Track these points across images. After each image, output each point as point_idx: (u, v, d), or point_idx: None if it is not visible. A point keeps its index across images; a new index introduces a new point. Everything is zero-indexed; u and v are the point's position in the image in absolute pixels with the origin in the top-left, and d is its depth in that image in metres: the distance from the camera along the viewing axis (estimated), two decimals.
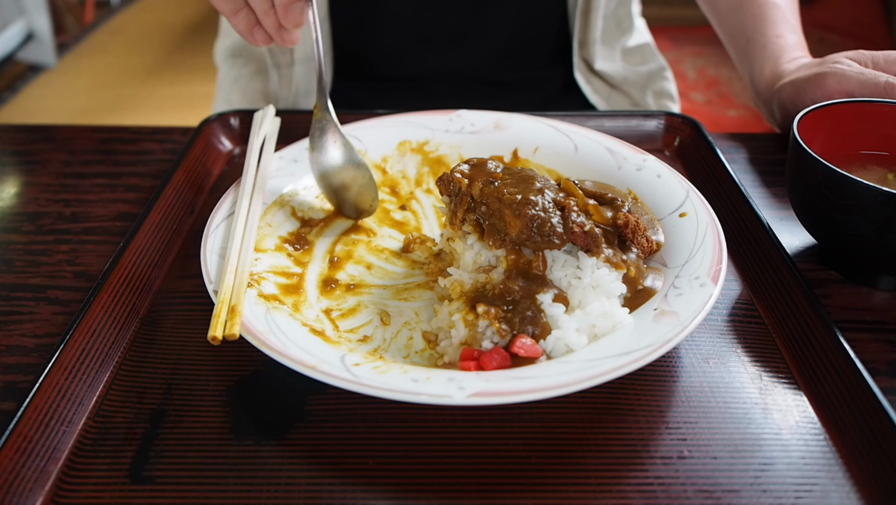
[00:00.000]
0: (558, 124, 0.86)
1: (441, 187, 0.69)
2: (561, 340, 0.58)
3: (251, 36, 0.74)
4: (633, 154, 0.80)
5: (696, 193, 0.72)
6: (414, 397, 0.51)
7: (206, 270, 0.62)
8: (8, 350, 0.64)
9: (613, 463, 0.53)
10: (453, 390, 0.51)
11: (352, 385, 0.52)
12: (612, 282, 0.62)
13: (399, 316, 0.66)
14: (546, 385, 0.51)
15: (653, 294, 0.63)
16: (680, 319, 0.57)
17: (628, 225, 0.65)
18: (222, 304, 0.59)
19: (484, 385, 0.52)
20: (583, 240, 0.61)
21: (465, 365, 0.57)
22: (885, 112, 0.75)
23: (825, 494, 0.51)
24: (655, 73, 1.25)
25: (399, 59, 1.17)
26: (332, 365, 0.54)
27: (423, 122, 0.87)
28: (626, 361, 0.53)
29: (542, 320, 0.59)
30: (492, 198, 0.63)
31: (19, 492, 0.50)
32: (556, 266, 0.62)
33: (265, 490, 0.51)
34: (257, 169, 0.77)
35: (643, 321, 0.59)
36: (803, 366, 0.61)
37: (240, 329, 0.56)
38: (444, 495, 0.51)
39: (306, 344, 0.57)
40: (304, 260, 0.72)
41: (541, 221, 0.60)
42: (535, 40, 1.17)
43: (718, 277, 0.61)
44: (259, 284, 0.64)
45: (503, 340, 0.58)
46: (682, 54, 3.61)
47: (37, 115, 3.17)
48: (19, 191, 0.89)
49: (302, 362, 0.54)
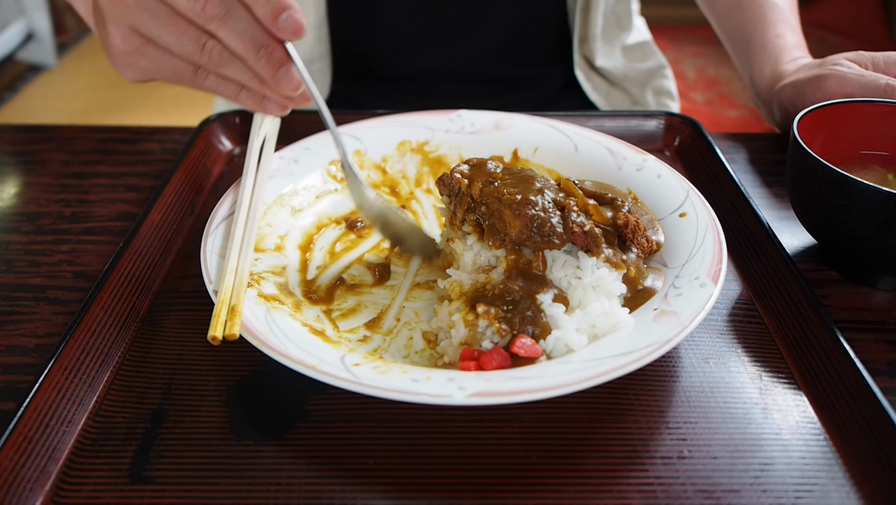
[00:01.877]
0: (558, 124, 0.86)
1: (441, 188, 0.69)
2: (561, 341, 0.58)
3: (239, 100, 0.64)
4: (633, 154, 0.80)
5: (696, 193, 0.72)
6: (414, 397, 0.51)
7: (206, 270, 0.62)
8: (8, 350, 0.64)
9: (613, 463, 0.53)
10: (453, 390, 0.51)
11: (352, 385, 0.52)
12: (613, 282, 0.62)
13: (399, 316, 0.66)
14: (546, 385, 0.51)
15: (653, 294, 0.63)
16: (680, 319, 0.57)
17: (628, 225, 0.65)
18: (222, 304, 0.59)
19: (484, 385, 0.52)
20: (583, 240, 0.61)
21: (466, 365, 0.57)
22: (885, 112, 0.75)
23: (825, 494, 0.51)
24: (655, 71, 1.25)
25: (398, 58, 1.17)
26: (332, 365, 0.54)
27: (423, 122, 0.87)
28: (626, 361, 0.53)
29: (542, 320, 0.59)
30: (491, 198, 0.63)
31: (19, 492, 0.50)
32: (556, 266, 0.62)
33: (265, 490, 0.51)
34: (257, 169, 0.77)
35: (643, 321, 0.59)
36: (803, 366, 0.61)
37: (240, 329, 0.56)
38: (444, 495, 0.51)
39: (306, 344, 0.57)
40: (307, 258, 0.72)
41: (540, 221, 0.60)
42: (534, 38, 1.17)
43: (718, 277, 0.61)
44: (259, 284, 0.64)
45: (503, 341, 0.58)
46: (682, 54, 3.61)
47: (37, 115, 3.17)
48: (19, 191, 0.89)
49: (302, 362, 0.54)
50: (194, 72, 0.61)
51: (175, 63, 0.61)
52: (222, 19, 0.56)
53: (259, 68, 0.58)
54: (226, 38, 0.57)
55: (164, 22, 0.58)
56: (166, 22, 0.58)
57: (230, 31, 0.57)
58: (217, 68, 0.60)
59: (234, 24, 0.56)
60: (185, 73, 0.61)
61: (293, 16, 0.55)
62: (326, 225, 0.78)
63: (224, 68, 0.60)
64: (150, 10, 0.58)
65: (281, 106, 0.63)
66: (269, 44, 0.57)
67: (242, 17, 0.56)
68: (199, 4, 0.56)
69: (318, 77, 1.14)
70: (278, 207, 0.75)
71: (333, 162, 0.81)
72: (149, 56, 0.61)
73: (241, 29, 0.57)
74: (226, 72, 0.60)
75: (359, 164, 0.83)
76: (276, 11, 0.55)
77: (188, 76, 0.61)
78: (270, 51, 0.57)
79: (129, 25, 0.60)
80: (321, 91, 1.16)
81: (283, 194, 0.77)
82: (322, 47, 1.12)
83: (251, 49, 0.57)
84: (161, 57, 0.61)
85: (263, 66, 0.58)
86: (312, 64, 1.12)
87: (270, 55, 0.57)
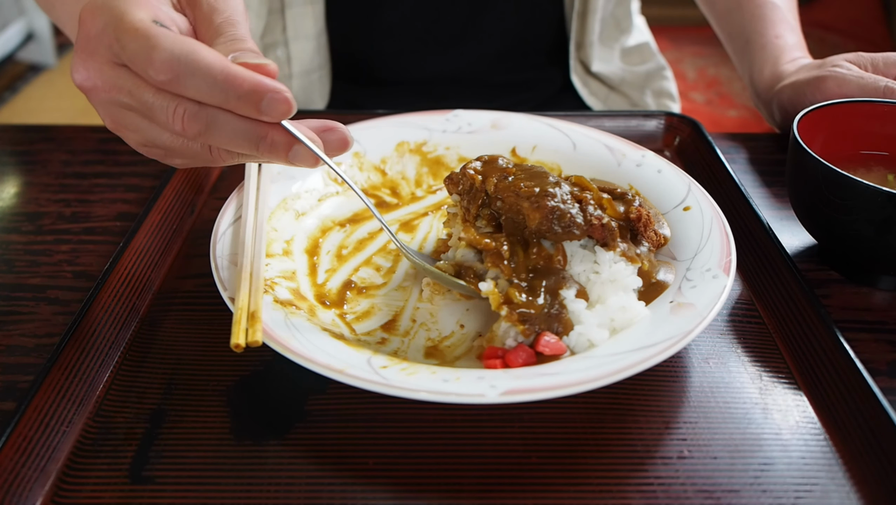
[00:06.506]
0: (556, 122, 0.86)
1: (449, 186, 0.69)
2: (583, 336, 0.58)
3: None
4: (631, 150, 0.80)
5: (697, 187, 0.73)
6: (446, 397, 0.50)
7: (218, 278, 0.61)
8: (8, 350, 0.64)
9: (613, 463, 0.53)
10: (485, 389, 0.51)
11: (382, 388, 0.51)
12: (629, 276, 0.62)
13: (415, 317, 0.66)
14: (576, 380, 0.51)
15: (665, 288, 0.63)
16: (698, 310, 0.57)
17: (641, 218, 0.65)
18: (241, 311, 0.57)
19: (515, 383, 0.51)
20: (600, 233, 0.61)
21: (491, 363, 0.57)
22: (885, 112, 0.75)
23: (825, 494, 0.51)
24: (654, 73, 1.25)
25: (397, 64, 1.17)
26: (359, 368, 0.53)
27: (420, 122, 0.87)
28: (651, 352, 0.53)
29: (565, 317, 0.59)
30: (508, 192, 0.63)
31: (19, 492, 0.50)
32: (574, 261, 0.62)
33: (265, 490, 0.51)
34: (259, 172, 0.77)
35: (660, 314, 0.59)
36: (803, 366, 0.61)
37: (262, 336, 0.55)
38: (445, 495, 0.51)
39: (330, 348, 0.56)
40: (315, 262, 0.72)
41: (560, 212, 0.60)
42: (531, 42, 1.17)
43: (730, 267, 0.61)
44: (273, 290, 0.63)
45: (528, 340, 0.58)
46: (682, 54, 3.61)
47: (37, 115, 3.17)
48: (19, 191, 0.89)
49: (329, 367, 0.52)
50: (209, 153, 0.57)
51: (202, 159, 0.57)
52: (206, 133, 0.52)
53: (267, 160, 0.55)
54: (221, 145, 0.54)
55: (167, 138, 0.54)
56: (168, 138, 0.54)
57: (221, 139, 0.52)
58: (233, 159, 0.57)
59: (220, 132, 0.52)
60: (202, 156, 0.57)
61: (274, 98, 0.50)
62: (331, 228, 0.77)
63: (239, 158, 0.57)
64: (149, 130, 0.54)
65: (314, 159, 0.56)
66: (265, 134, 0.52)
67: (226, 120, 0.52)
68: (178, 126, 0.52)
69: (318, 85, 1.14)
70: (282, 212, 0.74)
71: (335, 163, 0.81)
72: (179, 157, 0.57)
73: (229, 133, 0.52)
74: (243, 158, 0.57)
75: (358, 165, 0.83)
76: (254, 104, 0.50)
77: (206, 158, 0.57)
78: (269, 140, 0.53)
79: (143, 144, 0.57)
80: (321, 98, 1.16)
81: (286, 198, 0.76)
82: (321, 56, 1.12)
83: (250, 146, 0.53)
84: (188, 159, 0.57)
85: (269, 157, 0.54)
86: (312, 74, 1.12)
87: (272, 144, 0.53)
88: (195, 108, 0.51)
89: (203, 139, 0.53)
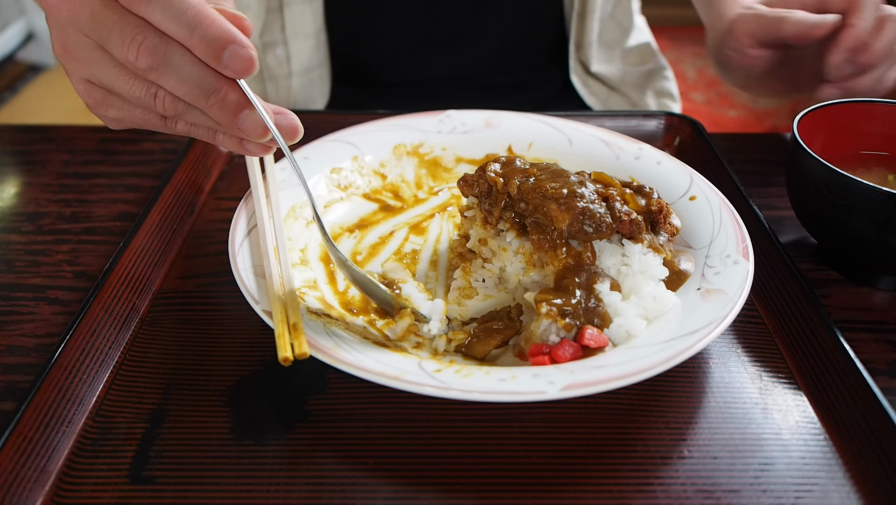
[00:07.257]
0: (549, 119, 0.86)
1: (465, 189, 0.68)
2: (622, 327, 0.59)
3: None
4: (628, 144, 0.80)
5: (699, 177, 0.74)
6: (507, 397, 0.50)
7: (247, 292, 0.59)
8: (8, 350, 0.64)
9: (613, 463, 0.53)
10: (544, 386, 0.51)
11: (442, 392, 0.50)
12: (657, 266, 0.63)
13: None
14: (634, 370, 0.52)
15: (687, 276, 0.64)
16: (728, 295, 0.58)
17: (662, 210, 0.65)
18: (282, 324, 0.56)
19: (572, 377, 0.52)
20: (628, 228, 0.62)
21: (539, 360, 0.57)
22: (885, 112, 0.75)
23: (825, 494, 0.51)
24: (654, 73, 1.25)
25: (398, 65, 1.17)
26: (414, 374, 0.52)
27: (413, 124, 0.86)
28: (696, 338, 0.54)
29: (603, 310, 0.59)
30: (533, 194, 0.63)
31: (19, 492, 0.50)
32: (603, 256, 0.62)
33: (265, 490, 0.51)
34: (264, 179, 0.75)
35: (691, 301, 0.60)
36: (803, 366, 0.61)
37: (308, 347, 0.53)
38: (445, 495, 0.51)
39: (377, 355, 0.55)
40: None
41: (590, 213, 0.60)
42: (531, 42, 1.17)
43: (748, 252, 0.62)
44: (304, 300, 0.61)
45: (570, 334, 0.58)
46: (682, 54, 3.61)
47: (37, 115, 3.17)
48: (19, 191, 0.89)
49: (384, 374, 0.52)
50: (162, 120, 0.55)
51: (140, 112, 0.55)
52: (159, 69, 0.49)
53: (214, 116, 0.52)
54: (170, 88, 0.51)
55: (113, 74, 0.52)
56: (114, 74, 0.52)
57: (171, 79, 0.50)
58: (180, 116, 0.54)
59: (174, 72, 0.49)
60: (154, 121, 0.56)
61: (238, 52, 0.48)
62: (340, 235, 0.76)
63: (186, 116, 0.54)
64: (98, 62, 0.52)
65: (263, 147, 0.56)
66: (219, 88, 0.50)
67: (183, 61, 0.49)
68: (132, 55, 0.49)
69: (318, 83, 1.14)
70: (292, 220, 0.73)
71: (335, 170, 0.81)
72: (115, 106, 0.56)
73: (183, 76, 0.49)
74: (190, 119, 0.54)
75: (358, 170, 0.82)
76: (217, 49, 0.48)
77: (158, 124, 0.56)
78: (222, 95, 0.50)
79: (86, 79, 0.55)
80: (321, 97, 1.16)
81: (294, 206, 0.74)
82: (321, 55, 1.12)
83: (200, 96, 0.50)
84: (126, 107, 0.55)
85: (218, 113, 0.51)
86: (312, 72, 1.12)
87: (223, 100, 0.50)
88: (155, 41, 0.49)
89: (154, 76, 0.50)
